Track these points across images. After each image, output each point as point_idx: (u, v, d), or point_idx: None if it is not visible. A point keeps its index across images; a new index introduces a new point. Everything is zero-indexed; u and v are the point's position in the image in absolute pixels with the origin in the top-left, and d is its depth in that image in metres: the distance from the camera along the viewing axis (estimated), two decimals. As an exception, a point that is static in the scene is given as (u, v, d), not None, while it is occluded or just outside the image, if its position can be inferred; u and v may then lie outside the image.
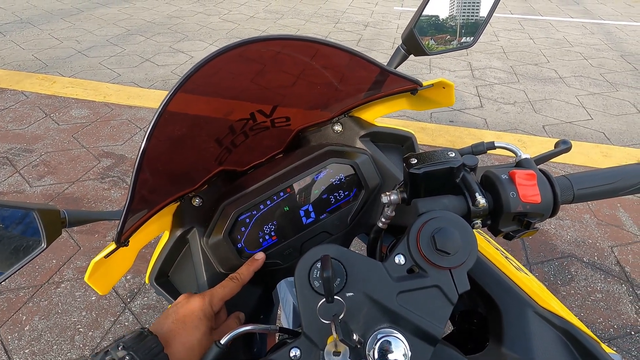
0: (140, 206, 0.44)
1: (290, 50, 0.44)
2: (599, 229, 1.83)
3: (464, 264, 0.37)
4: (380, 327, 0.36)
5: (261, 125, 0.54)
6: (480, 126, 2.64)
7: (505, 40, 4.17)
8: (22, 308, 1.47)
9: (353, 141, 0.60)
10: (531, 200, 0.39)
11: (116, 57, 3.62)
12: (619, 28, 4.57)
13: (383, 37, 4.21)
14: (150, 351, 0.39)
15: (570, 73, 3.40)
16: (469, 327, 0.55)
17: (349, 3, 5.56)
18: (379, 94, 0.57)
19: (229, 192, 0.57)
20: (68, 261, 1.66)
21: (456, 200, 0.41)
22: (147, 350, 0.38)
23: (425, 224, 0.38)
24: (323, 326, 0.35)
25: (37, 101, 2.82)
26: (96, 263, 0.43)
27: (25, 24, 4.45)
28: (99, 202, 1.96)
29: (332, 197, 0.57)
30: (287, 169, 0.57)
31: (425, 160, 0.42)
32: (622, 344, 1.37)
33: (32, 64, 3.42)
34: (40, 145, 2.37)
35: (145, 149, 0.38)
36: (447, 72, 3.38)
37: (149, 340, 0.40)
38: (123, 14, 4.88)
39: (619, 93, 3.08)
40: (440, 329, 0.36)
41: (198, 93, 0.42)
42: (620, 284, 1.58)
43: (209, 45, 3.92)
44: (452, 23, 0.71)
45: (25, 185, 2.06)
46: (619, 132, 2.58)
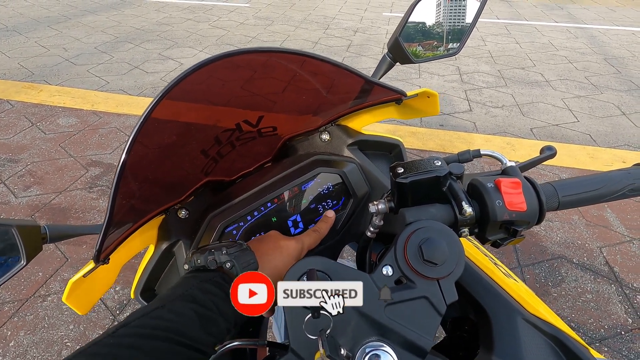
0: (123, 220, 0.43)
1: (276, 62, 0.44)
2: (587, 230, 1.86)
3: (451, 274, 0.37)
4: (368, 340, 0.36)
5: (248, 135, 0.54)
6: (470, 130, 2.66)
7: (492, 44, 4.23)
8: (7, 323, 1.43)
9: (341, 150, 0.60)
10: (517, 208, 0.39)
11: (104, 64, 3.59)
12: (602, 32, 4.68)
13: (372, 43, 4.25)
14: (248, 265, 0.42)
15: (556, 76, 3.47)
16: (460, 334, 0.55)
17: (338, 9, 5.60)
18: (365, 103, 0.57)
19: (216, 203, 0.56)
20: (55, 273, 1.62)
21: (443, 209, 0.41)
22: (245, 263, 0.42)
23: (412, 234, 0.38)
24: (310, 341, 0.35)
25: (23, 110, 2.77)
26: (74, 283, 0.42)
27: (11, 32, 4.39)
28: (87, 212, 1.93)
29: (320, 206, 0.57)
30: (274, 178, 0.57)
31: (412, 169, 0.42)
32: (613, 344, 1.39)
33: (18, 73, 3.37)
34: (26, 155, 2.32)
35: (126, 161, 0.37)
36: (437, 77, 3.42)
37: (248, 254, 0.43)
38: (111, 21, 4.85)
39: (603, 95, 3.14)
40: (429, 341, 0.36)
41: (184, 100, 0.41)
42: (610, 284, 1.60)
43: (199, 52, 3.91)
44: (439, 29, 0.72)
45: (11, 196, 2.02)
46: (604, 134, 2.63)
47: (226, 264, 0.41)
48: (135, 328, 0.34)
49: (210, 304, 0.38)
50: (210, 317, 0.38)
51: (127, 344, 0.33)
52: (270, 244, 0.48)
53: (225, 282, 0.41)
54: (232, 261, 0.41)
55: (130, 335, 0.34)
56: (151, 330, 0.34)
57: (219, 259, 0.41)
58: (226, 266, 0.41)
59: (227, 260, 0.41)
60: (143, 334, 0.34)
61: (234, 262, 0.41)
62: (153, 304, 0.38)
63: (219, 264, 0.42)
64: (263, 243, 0.49)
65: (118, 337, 0.33)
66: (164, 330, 0.35)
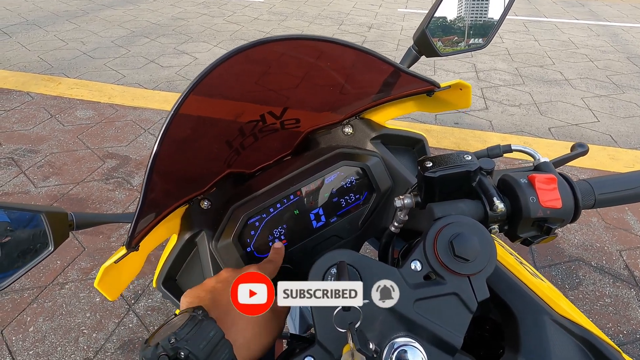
0: (150, 210, 0.43)
1: (300, 51, 0.44)
2: (607, 233, 1.81)
3: (483, 270, 0.36)
4: (396, 335, 0.35)
5: (271, 127, 0.54)
6: (486, 128, 2.62)
7: (510, 42, 4.15)
8: (27, 309, 1.47)
9: (364, 143, 0.60)
10: (552, 205, 0.38)
11: (121, 58, 3.63)
12: (625, 30, 4.54)
13: (387, 39, 4.20)
14: (209, 341, 0.33)
15: (576, 75, 3.38)
16: (481, 334, 0.54)
17: (352, 5, 5.56)
18: (392, 95, 0.56)
19: (238, 195, 0.56)
20: (72, 262, 1.65)
21: (473, 204, 0.40)
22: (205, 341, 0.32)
23: (443, 229, 0.37)
24: (338, 335, 0.34)
25: (43, 102, 2.83)
26: (106, 268, 0.42)
27: (31, 25, 4.48)
28: (103, 203, 1.96)
29: (342, 200, 0.56)
30: (296, 171, 0.56)
31: (441, 163, 0.41)
32: (632, 350, 1.35)
33: (38, 66, 3.44)
34: (45, 146, 2.37)
35: (157, 153, 0.37)
36: (452, 74, 3.37)
37: (205, 326, 0.33)
38: (128, 15, 4.91)
39: (625, 95, 3.05)
40: (459, 339, 0.35)
41: (210, 95, 0.41)
42: (629, 288, 1.56)
43: (213, 47, 3.93)
44: (461, 24, 0.70)
45: (30, 185, 2.06)
46: (626, 135, 2.56)
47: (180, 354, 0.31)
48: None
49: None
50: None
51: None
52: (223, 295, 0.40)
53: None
54: (185, 348, 0.32)
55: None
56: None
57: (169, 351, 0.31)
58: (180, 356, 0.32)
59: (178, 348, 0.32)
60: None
61: (187, 348, 0.32)
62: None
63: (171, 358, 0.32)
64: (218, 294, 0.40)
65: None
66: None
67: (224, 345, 0.33)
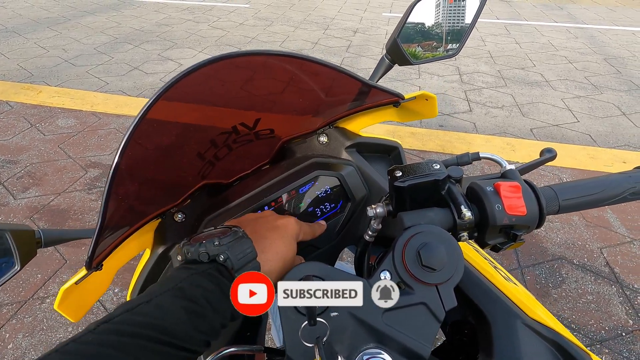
0: (117, 224, 0.43)
1: (273, 62, 0.44)
2: (588, 231, 1.85)
3: (450, 279, 0.36)
4: (366, 347, 0.35)
5: (245, 137, 0.53)
6: (470, 130, 2.66)
7: (492, 45, 4.23)
8: (5, 325, 1.43)
9: (339, 152, 0.60)
10: (517, 212, 0.39)
11: (104, 65, 3.58)
12: (602, 32, 4.68)
13: (372, 43, 4.24)
14: (245, 255, 0.37)
15: (556, 77, 3.46)
16: (460, 338, 0.55)
17: (338, 9, 5.60)
18: (363, 105, 0.57)
19: (214, 206, 0.55)
20: (54, 275, 1.61)
21: (442, 213, 0.41)
22: (241, 254, 0.37)
23: (411, 238, 0.37)
24: (307, 349, 0.34)
25: (22, 111, 2.77)
26: (66, 290, 0.41)
27: (11, 33, 4.39)
28: (85, 213, 1.92)
29: (318, 209, 0.56)
30: (272, 181, 0.56)
31: (410, 172, 0.41)
32: (614, 345, 1.38)
33: (18, 74, 3.37)
34: (25, 156, 2.32)
35: (118, 164, 0.36)
36: (436, 77, 3.41)
37: (244, 242, 0.38)
38: (111, 22, 4.85)
39: (603, 95, 3.14)
40: (427, 348, 0.35)
41: (180, 100, 0.40)
42: (610, 285, 1.60)
43: (198, 53, 3.91)
44: (438, 30, 0.71)
45: (10, 197, 2.01)
46: (604, 134, 2.62)
47: (219, 257, 0.37)
48: (118, 325, 0.31)
49: (201, 299, 0.35)
50: (201, 314, 0.35)
51: (108, 342, 0.30)
52: (268, 225, 0.45)
53: (220, 274, 0.37)
54: (225, 253, 0.37)
55: (112, 333, 0.31)
56: (135, 327, 0.31)
57: (210, 251, 0.37)
58: (219, 259, 0.37)
59: (219, 252, 0.37)
60: (125, 331, 0.31)
61: (227, 254, 0.37)
62: (139, 299, 0.34)
63: (211, 257, 0.37)
64: (259, 224, 0.45)
65: (98, 333, 0.31)
66: (148, 328, 0.32)
67: (254, 264, 0.38)
